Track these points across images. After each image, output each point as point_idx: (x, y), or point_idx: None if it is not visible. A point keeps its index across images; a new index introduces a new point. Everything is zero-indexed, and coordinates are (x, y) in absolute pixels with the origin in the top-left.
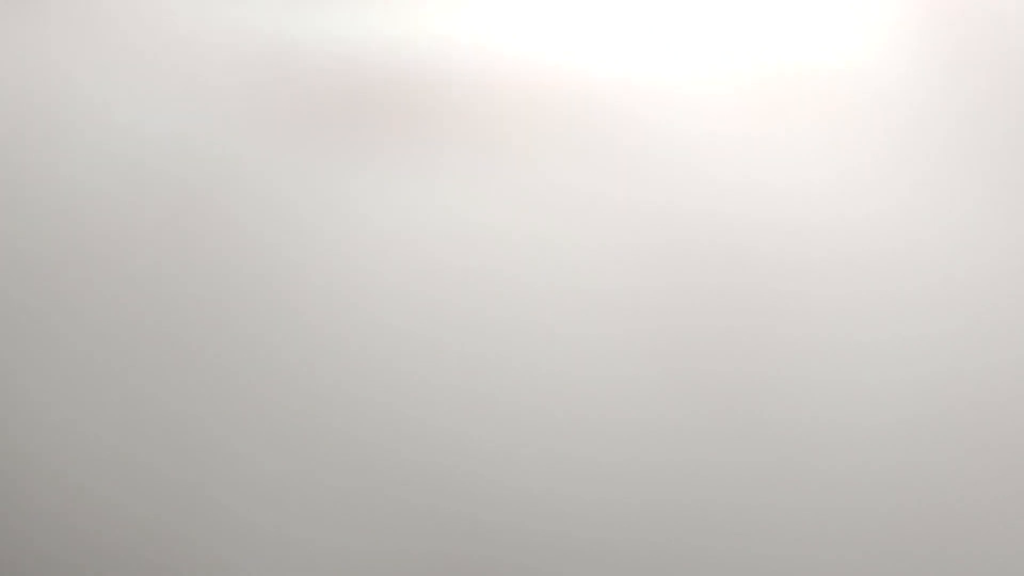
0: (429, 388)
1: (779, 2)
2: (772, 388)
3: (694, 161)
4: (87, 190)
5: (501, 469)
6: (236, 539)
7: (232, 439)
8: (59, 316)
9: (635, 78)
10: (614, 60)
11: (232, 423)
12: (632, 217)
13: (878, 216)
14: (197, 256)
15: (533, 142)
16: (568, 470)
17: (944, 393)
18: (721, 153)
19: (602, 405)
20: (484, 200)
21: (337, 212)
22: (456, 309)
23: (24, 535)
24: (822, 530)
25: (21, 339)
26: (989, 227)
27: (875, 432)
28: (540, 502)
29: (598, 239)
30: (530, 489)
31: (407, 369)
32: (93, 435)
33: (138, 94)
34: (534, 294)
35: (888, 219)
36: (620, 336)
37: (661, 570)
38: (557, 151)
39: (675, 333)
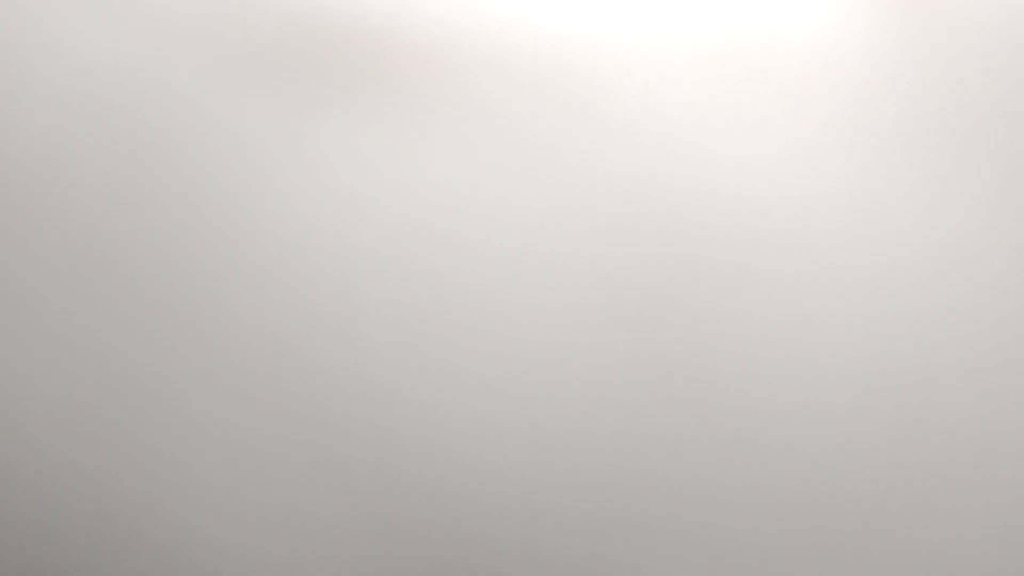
0: (391, 348)
1: None
2: (723, 359)
3: (658, 129)
4: (40, 125)
5: (471, 436)
6: (193, 496)
7: (185, 393)
8: (5, 256)
9: (609, 45)
10: (587, 23)
11: (184, 374)
12: (601, 183)
13: (832, 191)
14: (152, 198)
15: (505, 102)
16: (534, 436)
17: (891, 370)
18: (687, 123)
19: (569, 373)
20: (455, 161)
21: (301, 162)
22: (423, 270)
23: None
24: (764, 501)
25: None
26: (943, 201)
27: (821, 407)
28: (490, 466)
29: (568, 205)
30: (480, 453)
31: (370, 328)
32: (39, 381)
33: (98, 28)
34: (501, 257)
35: (843, 194)
36: (585, 303)
37: (614, 537)
38: (531, 115)
39: (638, 302)
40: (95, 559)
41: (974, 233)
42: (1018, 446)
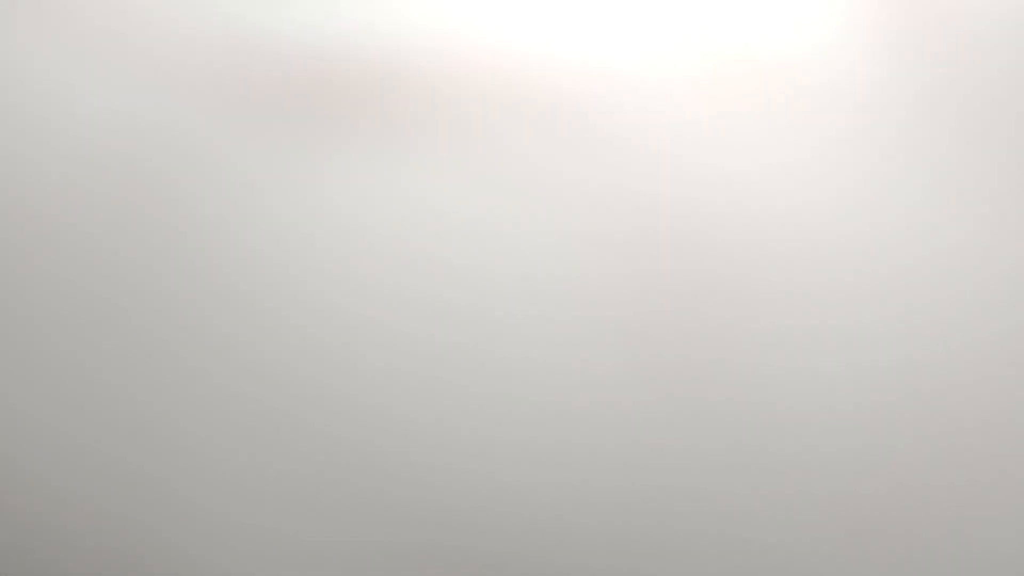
0: (400, 377)
1: None
2: (739, 373)
3: (660, 147)
4: (49, 178)
5: (476, 457)
6: (215, 536)
7: (199, 432)
8: (19, 304)
9: (605, 65)
10: (584, 47)
11: (200, 415)
12: (602, 203)
13: (836, 202)
14: (163, 244)
15: (505, 130)
16: (542, 456)
17: (897, 377)
18: (686, 139)
19: (576, 391)
20: (456, 188)
21: (307, 200)
22: (428, 297)
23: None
24: (788, 513)
25: None
26: (943, 213)
27: (829, 415)
28: (513, 488)
29: (569, 225)
30: (503, 476)
31: (377, 359)
32: (54, 427)
33: (102, 79)
34: (506, 281)
35: (842, 207)
36: (591, 322)
37: (634, 553)
38: (529, 138)
39: (644, 318)
40: None
41: (975, 244)
42: None
